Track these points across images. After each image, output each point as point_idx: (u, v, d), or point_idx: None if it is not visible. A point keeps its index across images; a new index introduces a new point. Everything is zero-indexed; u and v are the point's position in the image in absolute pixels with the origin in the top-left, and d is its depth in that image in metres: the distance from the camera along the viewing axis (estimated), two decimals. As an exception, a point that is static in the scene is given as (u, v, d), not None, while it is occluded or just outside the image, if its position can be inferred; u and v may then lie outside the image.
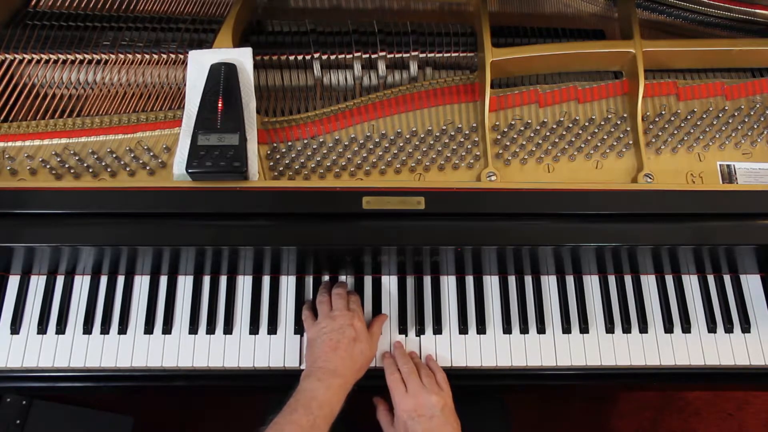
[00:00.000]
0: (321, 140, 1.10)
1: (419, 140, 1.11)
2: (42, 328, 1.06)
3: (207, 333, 1.07)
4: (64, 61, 1.13)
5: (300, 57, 1.16)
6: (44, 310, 1.07)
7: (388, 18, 1.23)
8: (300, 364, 1.06)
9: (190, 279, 1.11)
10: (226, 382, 1.08)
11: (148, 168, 1.06)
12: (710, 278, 1.15)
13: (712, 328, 1.10)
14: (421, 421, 0.95)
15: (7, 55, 1.11)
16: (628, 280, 1.14)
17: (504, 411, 1.19)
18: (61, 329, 1.06)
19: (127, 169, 1.06)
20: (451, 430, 0.95)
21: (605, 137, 1.13)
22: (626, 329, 1.10)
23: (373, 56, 1.16)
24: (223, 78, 1.05)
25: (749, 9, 1.21)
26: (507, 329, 1.09)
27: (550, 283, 1.13)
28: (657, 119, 1.15)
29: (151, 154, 1.07)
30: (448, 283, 1.13)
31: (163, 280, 1.11)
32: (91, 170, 1.05)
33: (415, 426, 0.95)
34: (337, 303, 1.03)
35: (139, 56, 1.13)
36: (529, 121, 1.13)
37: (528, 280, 1.13)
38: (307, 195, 1.00)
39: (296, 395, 0.92)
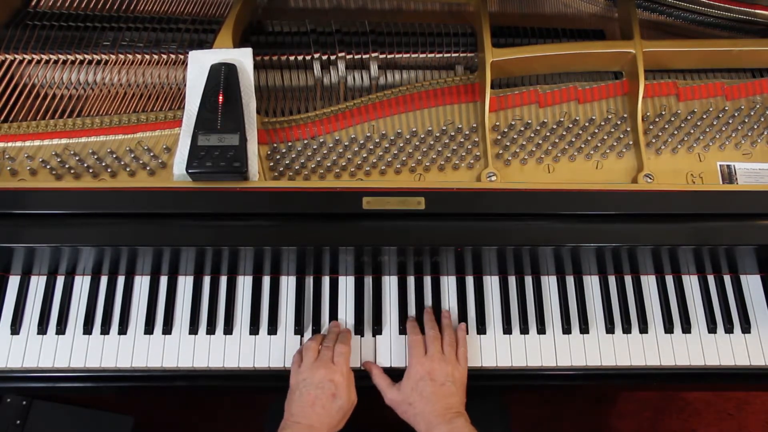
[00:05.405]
0: (321, 140, 1.10)
1: (419, 140, 1.11)
2: (42, 329, 1.06)
3: (207, 333, 1.07)
4: (64, 62, 1.13)
5: (300, 57, 1.16)
6: (44, 310, 1.07)
7: (389, 18, 1.23)
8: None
9: (190, 279, 1.11)
10: (227, 382, 1.07)
11: (148, 168, 1.06)
12: (710, 278, 1.15)
13: (712, 329, 1.10)
14: (431, 384, 0.96)
15: (7, 55, 1.11)
16: (628, 280, 1.14)
17: (503, 411, 1.19)
18: (61, 329, 1.06)
19: (128, 169, 1.06)
20: (458, 402, 0.97)
21: (605, 137, 1.13)
22: (626, 329, 1.10)
23: (372, 56, 1.16)
24: (223, 78, 1.05)
25: (749, 9, 1.21)
26: (507, 329, 1.09)
27: (550, 283, 1.13)
28: (657, 119, 1.15)
29: (152, 154, 1.07)
30: (449, 283, 1.13)
31: (164, 281, 1.10)
32: (91, 170, 1.05)
33: (424, 386, 0.96)
34: (322, 353, 1.00)
35: (139, 56, 1.13)
36: (529, 122, 1.13)
37: (528, 280, 1.13)
38: (307, 195, 1.00)
39: None
